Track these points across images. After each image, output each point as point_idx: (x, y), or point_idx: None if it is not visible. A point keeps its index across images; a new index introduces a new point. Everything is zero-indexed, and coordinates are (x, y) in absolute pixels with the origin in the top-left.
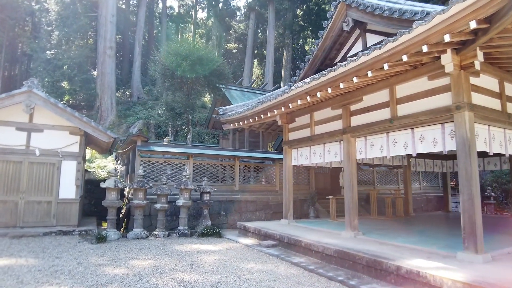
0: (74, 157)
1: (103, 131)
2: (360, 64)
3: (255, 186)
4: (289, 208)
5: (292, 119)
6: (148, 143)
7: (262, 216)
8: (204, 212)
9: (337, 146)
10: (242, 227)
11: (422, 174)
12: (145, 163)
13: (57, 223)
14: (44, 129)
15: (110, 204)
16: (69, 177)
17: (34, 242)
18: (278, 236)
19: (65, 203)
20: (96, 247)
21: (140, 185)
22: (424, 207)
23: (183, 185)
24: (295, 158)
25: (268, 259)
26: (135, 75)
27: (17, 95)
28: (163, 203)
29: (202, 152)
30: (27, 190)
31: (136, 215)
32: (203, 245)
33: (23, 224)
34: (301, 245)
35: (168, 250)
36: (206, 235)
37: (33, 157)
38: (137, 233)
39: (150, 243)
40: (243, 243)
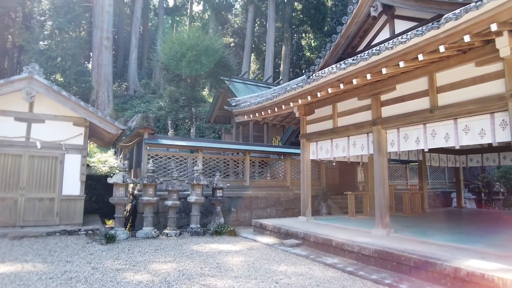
0: (78, 150)
1: (111, 122)
2: (410, 47)
3: (265, 182)
4: (307, 204)
5: (311, 111)
6: (155, 136)
7: (273, 213)
8: (216, 209)
9: (363, 138)
10: (258, 224)
11: (429, 170)
12: (152, 157)
13: (60, 222)
14: (46, 119)
15: (118, 201)
16: (73, 172)
17: (38, 244)
18: (303, 234)
19: (69, 200)
20: (107, 249)
21: (150, 181)
22: (432, 203)
23: (195, 180)
24: (313, 152)
25: (297, 260)
26: (131, 67)
27: (17, 82)
28: (174, 200)
29: (213, 145)
30: (27, 186)
31: (146, 212)
32: (221, 245)
33: (24, 223)
34: (331, 244)
35: (186, 251)
36: (220, 234)
37: (34, 150)
38: (147, 232)
39: (164, 243)
40: (263, 242)
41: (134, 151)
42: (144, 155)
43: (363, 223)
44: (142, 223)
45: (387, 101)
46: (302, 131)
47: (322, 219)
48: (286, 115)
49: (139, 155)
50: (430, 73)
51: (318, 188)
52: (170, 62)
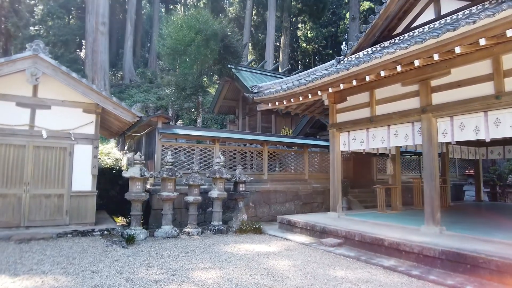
0: (89, 140)
1: (127, 108)
2: (499, 20)
3: (284, 175)
4: (338, 199)
5: (343, 98)
6: (170, 125)
7: (291, 208)
8: (239, 205)
9: (408, 128)
10: (286, 221)
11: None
12: (166, 148)
13: (70, 221)
14: (52, 105)
15: (135, 197)
16: (83, 165)
17: (50, 248)
18: (344, 233)
19: (79, 196)
20: (132, 253)
21: (169, 174)
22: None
23: (218, 173)
24: (345, 143)
25: (349, 263)
26: (126, 56)
27: (19, 61)
28: (195, 195)
29: (231, 136)
30: (32, 181)
31: (165, 209)
32: (254, 245)
33: (29, 223)
34: (382, 244)
35: (220, 253)
36: (245, 232)
37: (39, 140)
38: (167, 231)
39: (190, 244)
40: (297, 241)
41: (143, 142)
42: (157, 146)
43: (401, 219)
44: (157, 220)
45: (439, 87)
46: (331, 120)
47: (354, 215)
48: (311, 104)
49: (150, 146)
50: (495, 55)
51: None
52: (178, 47)
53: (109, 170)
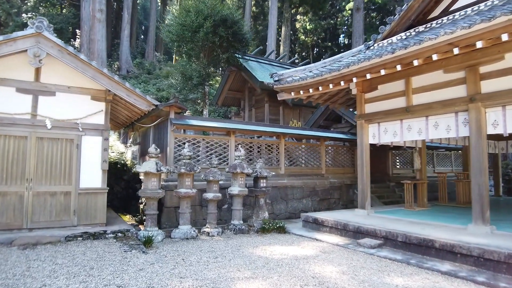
0: (98, 132)
1: (142, 96)
2: None
3: (301, 169)
4: (366, 195)
5: (372, 87)
6: (183, 115)
7: (309, 204)
8: (260, 202)
9: (450, 118)
10: (311, 219)
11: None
12: (179, 140)
13: (79, 222)
14: (57, 91)
15: (151, 194)
16: (92, 159)
17: (60, 255)
18: (385, 233)
19: (88, 194)
20: (155, 259)
21: (188, 169)
22: None
23: (239, 168)
24: (374, 135)
25: (399, 267)
26: (123, 45)
27: (20, 40)
28: (215, 192)
29: (248, 128)
30: (35, 177)
31: (183, 207)
32: (285, 247)
33: (32, 224)
34: (432, 246)
35: (253, 258)
36: (268, 231)
37: (43, 131)
38: (185, 232)
39: (215, 246)
40: (331, 242)
41: (151, 134)
42: (170, 139)
43: (437, 217)
44: (170, 219)
45: (489, 74)
46: (359, 111)
47: (382, 212)
48: (334, 93)
49: (160, 138)
50: None
51: (352, 176)
52: (185, 33)
53: (113, 164)
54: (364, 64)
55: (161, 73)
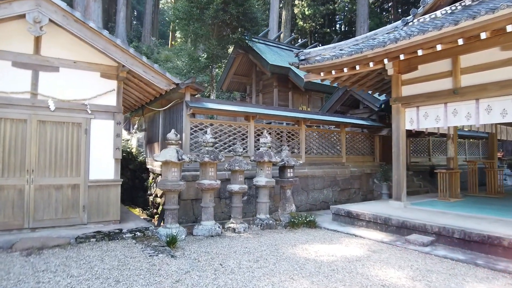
0: (110, 114)
1: (161, 72)
2: None
3: (321, 158)
4: (402, 186)
5: (411, 67)
6: (200, 98)
7: (329, 195)
8: (286, 194)
9: (507, 101)
10: (344, 212)
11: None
12: (196, 126)
13: (89, 219)
14: (61, 66)
15: (172, 187)
16: (103, 146)
17: (74, 263)
18: (437, 228)
19: (99, 187)
20: (189, 266)
21: (212, 158)
22: None
23: (266, 156)
24: (412, 120)
25: (469, 269)
26: (119, 28)
27: (17, 2)
28: (241, 183)
29: (269, 112)
30: (38, 167)
31: (206, 201)
32: (327, 246)
33: (35, 223)
34: (500, 243)
35: (299, 260)
36: (297, 226)
37: (45, 113)
38: (209, 228)
39: (249, 246)
40: (373, 239)
41: (160, 120)
42: (185, 124)
43: (481, 209)
44: (186, 213)
45: None
46: (395, 93)
47: (419, 204)
48: (364, 75)
49: (172, 124)
50: None
51: (371, 165)
52: (193, 10)
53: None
54: (417, 38)
55: (159, 57)
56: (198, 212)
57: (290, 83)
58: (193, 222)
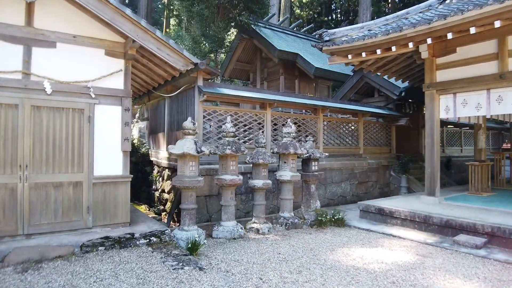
0: (117, 99)
1: (178, 50)
2: None
3: (338, 149)
4: (436, 180)
5: (449, 50)
6: (213, 83)
7: (347, 189)
8: (310, 189)
9: None
10: (374, 209)
11: None
12: (209, 114)
13: (94, 222)
14: (58, 42)
15: (190, 183)
16: (110, 136)
17: (82, 282)
18: (490, 228)
19: (106, 184)
20: (224, 282)
21: (234, 150)
22: None
23: (292, 148)
24: (448, 108)
25: None
26: None
27: None
28: (264, 178)
29: (288, 99)
30: (33, 162)
31: (227, 198)
32: (367, 249)
33: (31, 229)
34: None
35: (348, 270)
36: (324, 225)
37: (40, 97)
38: (231, 230)
39: (280, 250)
40: (415, 239)
41: (165, 108)
42: (198, 112)
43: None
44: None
45: None
46: (429, 79)
47: (452, 199)
48: (392, 59)
49: (182, 112)
50: None
51: (388, 156)
52: None
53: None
54: (472, 13)
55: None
56: (212, 209)
57: (297, 70)
58: (206, 221)
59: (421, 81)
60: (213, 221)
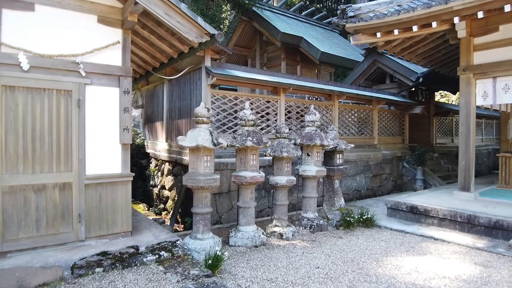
0: (114, 79)
1: (191, 16)
2: None
3: (353, 139)
4: (471, 174)
5: (489, 28)
6: (222, 64)
7: (362, 182)
8: (334, 185)
9: None
10: (406, 207)
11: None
12: (218, 99)
13: (88, 233)
14: (37, 3)
15: (205, 183)
16: (105, 126)
17: None
18: None
19: (101, 185)
20: None
21: (256, 141)
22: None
23: (318, 138)
24: (486, 94)
25: None
26: None
27: None
28: (288, 174)
29: (304, 84)
30: (6, 159)
31: (246, 199)
32: (418, 258)
33: (7, 245)
34: None
35: None
36: (352, 226)
37: (14, 74)
38: (252, 236)
39: (318, 262)
40: (463, 244)
41: (164, 93)
42: (206, 96)
43: None
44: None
45: None
46: (465, 61)
47: (488, 194)
48: (421, 39)
49: (185, 97)
50: None
51: (401, 147)
52: None
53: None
54: None
55: None
56: (222, 209)
57: (299, 55)
58: (216, 222)
59: (443, 65)
60: (223, 222)
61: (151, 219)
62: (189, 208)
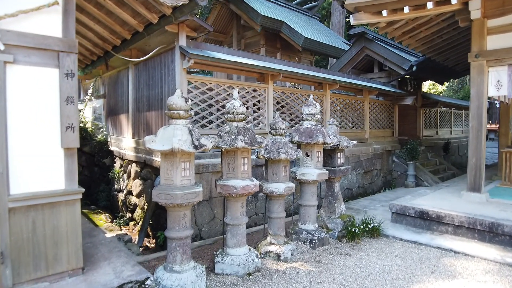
0: (50, 56)
1: None
2: None
3: (345, 132)
4: (482, 173)
5: (506, 9)
6: (199, 43)
7: (353, 180)
8: (334, 188)
9: None
10: (415, 212)
11: None
12: (196, 88)
13: (17, 277)
14: None
15: (183, 199)
16: (38, 123)
17: None
18: None
19: (35, 208)
20: None
21: (247, 141)
22: None
23: (320, 135)
24: (499, 83)
25: None
26: None
27: None
28: (286, 179)
29: (295, 70)
30: None
31: (236, 214)
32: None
33: None
34: None
35: None
36: (357, 238)
37: None
38: (243, 261)
39: None
40: (490, 259)
41: (129, 80)
42: (181, 83)
43: None
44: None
45: None
46: (477, 46)
47: (497, 194)
48: (425, 21)
49: (155, 85)
50: None
51: (391, 140)
52: None
53: None
54: None
55: None
56: (202, 220)
57: (279, 41)
58: (195, 237)
59: (440, 53)
60: (204, 235)
61: (114, 237)
62: (162, 219)
